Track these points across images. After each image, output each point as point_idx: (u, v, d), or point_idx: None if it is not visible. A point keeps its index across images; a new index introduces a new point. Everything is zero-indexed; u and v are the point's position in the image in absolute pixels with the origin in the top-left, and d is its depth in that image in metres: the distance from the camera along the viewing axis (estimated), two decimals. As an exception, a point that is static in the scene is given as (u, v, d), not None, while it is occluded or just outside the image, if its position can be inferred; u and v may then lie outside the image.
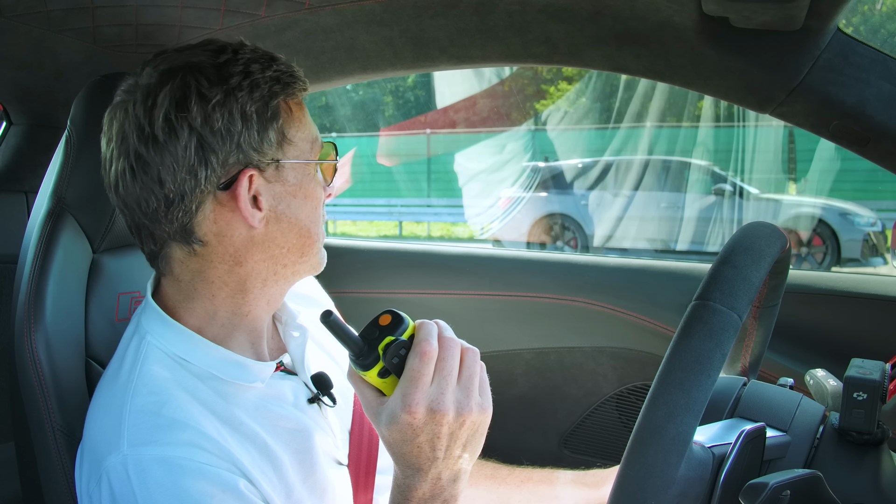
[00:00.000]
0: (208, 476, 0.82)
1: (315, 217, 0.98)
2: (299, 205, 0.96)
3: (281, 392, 0.98)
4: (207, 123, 0.88)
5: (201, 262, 0.94)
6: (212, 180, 0.90)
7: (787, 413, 0.86)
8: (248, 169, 0.91)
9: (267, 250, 0.95)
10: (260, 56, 0.94)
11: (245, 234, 0.93)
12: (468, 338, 0.87)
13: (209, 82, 0.89)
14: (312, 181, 0.97)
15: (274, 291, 0.99)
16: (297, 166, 0.95)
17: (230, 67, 0.91)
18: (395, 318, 0.83)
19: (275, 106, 0.93)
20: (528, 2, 1.21)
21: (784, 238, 0.83)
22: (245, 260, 0.94)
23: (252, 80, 0.91)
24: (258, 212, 0.92)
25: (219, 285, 0.95)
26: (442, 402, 0.79)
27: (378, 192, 11.97)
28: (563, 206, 8.63)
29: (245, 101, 0.90)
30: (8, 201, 1.62)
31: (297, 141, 0.95)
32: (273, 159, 0.93)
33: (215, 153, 0.89)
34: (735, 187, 7.82)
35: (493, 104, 10.06)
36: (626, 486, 0.65)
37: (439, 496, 0.83)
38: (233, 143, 0.89)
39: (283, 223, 0.95)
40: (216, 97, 0.88)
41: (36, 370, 1.02)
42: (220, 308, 0.95)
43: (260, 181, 0.92)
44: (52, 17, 1.19)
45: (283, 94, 0.94)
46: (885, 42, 8.44)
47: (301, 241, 0.97)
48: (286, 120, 0.94)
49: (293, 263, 0.98)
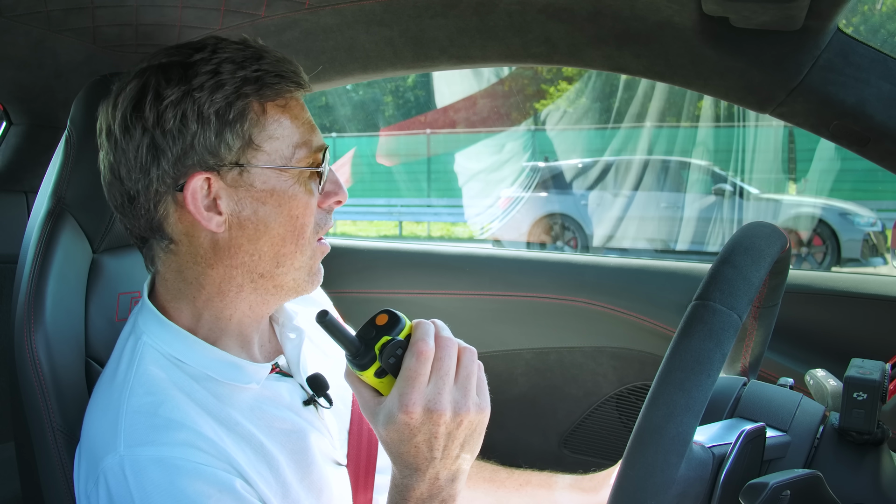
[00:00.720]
0: (205, 476, 0.82)
1: (293, 227, 0.93)
2: (270, 212, 0.91)
3: (277, 393, 0.98)
4: (159, 124, 0.88)
5: (178, 261, 0.95)
6: (165, 181, 0.90)
7: (787, 413, 0.86)
8: (200, 172, 0.89)
9: (235, 256, 0.92)
10: (242, 55, 0.91)
11: (210, 237, 0.92)
12: (468, 338, 0.87)
13: (168, 82, 0.89)
14: (292, 188, 0.92)
15: (254, 299, 0.96)
16: (269, 171, 0.91)
17: (198, 67, 0.89)
18: (391, 317, 0.83)
19: (240, 107, 0.89)
20: (528, 2, 1.21)
21: (784, 238, 0.83)
22: (216, 263, 0.93)
23: (217, 81, 0.88)
24: (216, 216, 0.90)
25: (196, 287, 0.94)
26: (439, 402, 0.79)
27: (378, 192, 11.97)
28: (562, 205, 8.63)
29: (203, 102, 0.88)
30: (8, 201, 1.62)
31: (267, 145, 0.91)
32: (234, 163, 0.90)
33: (165, 154, 0.89)
34: (735, 187, 7.82)
35: (492, 104, 10.06)
36: (626, 486, 0.65)
37: (437, 496, 0.83)
38: (185, 145, 0.88)
39: (248, 230, 0.91)
40: (171, 97, 0.88)
41: (36, 370, 1.02)
42: (203, 310, 0.95)
43: (219, 184, 0.90)
44: (52, 17, 1.19)
45: (254, 96, 0.90)
46: (885, 42, 8.44)
47: (273, 250, 0.93)
48: (255, 122, 0.90)
49: (272, 275, 0.94)
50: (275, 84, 0.91)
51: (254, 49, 0.93)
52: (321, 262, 1.00)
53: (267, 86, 0.90)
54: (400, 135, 11.80)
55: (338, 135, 12.18)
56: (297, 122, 0.94)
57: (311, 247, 0.96)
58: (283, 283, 0.96)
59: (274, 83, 0.91)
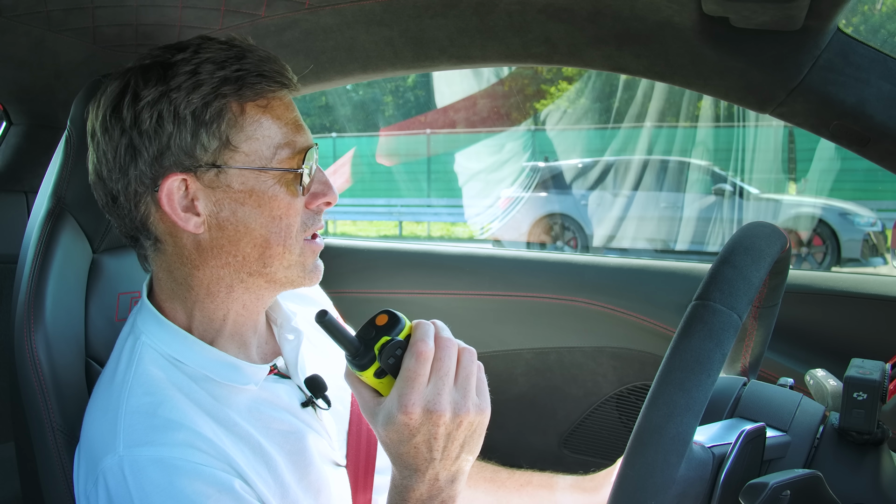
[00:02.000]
0: (204, 476, 0.82)
1: (277, 227, 0.91)
2: (250, 213, 0.90)
3: (275, 395, 0.98)
4: (136, 124, 0.88)
5: (167, 261, 0.95)
6: (143, 181, 0.90)
7: (787, 413, 0.86)
8: (176, 173, 0.89)
9: (219, 257, 0.92)
10: (224, 55, 0.90)
11: (193, 238, 0.92)
12: (468, 338, 0.87)
13: (146, 83, 0.88)
14: (272, 189, 0.90)
15: (247, 298, 0.96)
16: (247, 172, 0.90)
17: (178, 67, 0.88)
18: (391, 318, 0.82)
19: (217, 108, 0.88)
20: (528, 2, 1.21)
21: (784, 238, 0.83)
22: (201, 264, 0.93)
23: (195, 81, 0.88)
24: (195, 216, 0.90)
25: (186, 287, 0.94)
26: (438, 403, 0.79)
27: (378, 192, 11.98)
28: (562, 205, 8.63)
29: (179, 102, 0.87)
30: (8, 201, 1.62)
31: (245, 146, 0.89)
32: (210, 164, 0.89)
33: (141, 154, 0.89)
34: (735, 187, 7.82)
35: (492, 104, 10.07)
36: (626, 486, 0.65)
37: (437, 497, 0.83)
38: (161, 145, 0.88)
39: (228, 230, 0.91)
40: (148, 98, 0.88)
41: (36, 370, 1.02)
42: (194, 311, 0.95)
43: (196, 185, 0.89)
44: (52, 17, 1.18)
45: (233, 96, 0.89)
46: (885, 42, 8.44)
47: (257, 251, 0.92)
48: (233, 123, 0.89)
49: (259, 274, 0.94)
50: (255, 84, 0.89)
51: (238, 48, 0.91)
52: (322, 259, 0.99)
53: (247, 86, 0.89)
54: (400, 135, 11.80)
55: (338, 135, 12.18)
56: (280, 122, 0.92)
57: (300, 245, 0.94)
58: (275, 279, 0.95)
59: (254, 83, 0.89)
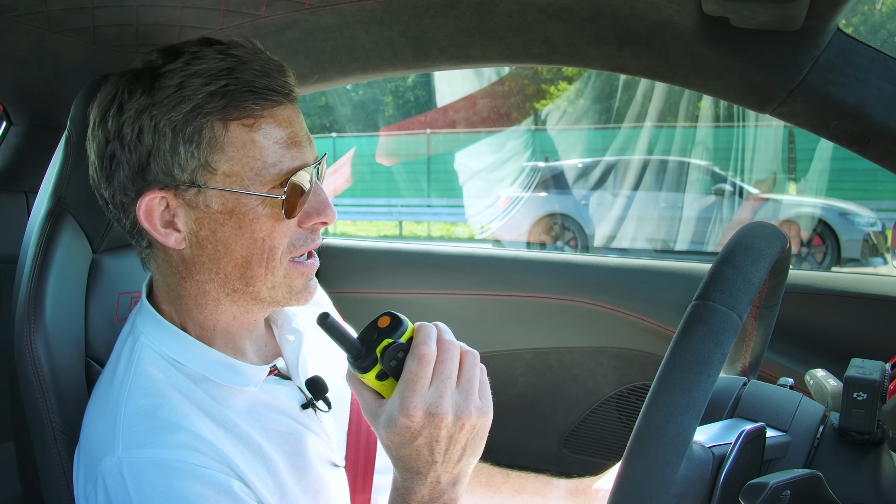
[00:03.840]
0: (203, 478, 0.82)
1: (258, 249, 0.88)
2: (230, 234, 0.88)
3: (275, 396, 0.97)
4: (119, 136, 0.87)
5: (160, 267, 0.95)
6: (126, 192, 0.89)
7: (787, 413, 0.86)
8: (156, 190, 0.87)
9: (203, 272, 0.91)
10: (217, 66, 0.85)
11: (177, 251, 0.91)
12: (468, 338, 0.87)
13: (132, 94, 0.86)
14: (254, 210, 0.87)
15: (236, 310, 0.94)
16: (227, 193, 0.86)
17: (167, 78, 0.85)
18: (393, 320, 0.82)
19: (198, 126, 0.84)
20: (528, 2, 1.21)
21: (784, 238, 0.83)
22: (187, 276, 0.92)
23: (180, 96, 0.84)
24: (175, 232, 0.89)
25: (176, 296, 0.94)
26: (440, 406, 0.79)
27: (378, 192, 11.97)
28: (562, 205, 8.63)
29: (160, 118, 0.84)
30: (8, 201, 1.62)
31: (225, 167, 0.85)
32: (189, 182, 0.86)
33: (122, 166, 0.88)
34: (735, 187, 7.82)
35: (492, 104, 10.06)
36: (626, 486, 0.65)
37: (438, 499, 0.83)
38: (141, 160, 0.86)
39: (207, 249, 0.89)
40: (132, 109, 0.86)
41: (36, 370, 1.02)
42: (186, 318, 0.95)
43: (176, 203, 0.88)
44: (52, 17, 1.18)
45: (216, 115, 0.84)
46: (885, 42, 8.45)
47: (238, 270, 0.90)
48: (213, 144, 0.85)
49: (243, 292, 0.92)
50: (242, 102, 0.85)
51: (235, 58, 0.86)
52: (322, 259, 0.99)
53: (233, 104, 0.84)
54: (400, 135, 11.79)
55: (338, 135, 12.18)
56: (268, 141, 0.87)
57: (284, 267, 0.91)
58: (259, 297, 0.93)
59: (241, 101, 0.85)
